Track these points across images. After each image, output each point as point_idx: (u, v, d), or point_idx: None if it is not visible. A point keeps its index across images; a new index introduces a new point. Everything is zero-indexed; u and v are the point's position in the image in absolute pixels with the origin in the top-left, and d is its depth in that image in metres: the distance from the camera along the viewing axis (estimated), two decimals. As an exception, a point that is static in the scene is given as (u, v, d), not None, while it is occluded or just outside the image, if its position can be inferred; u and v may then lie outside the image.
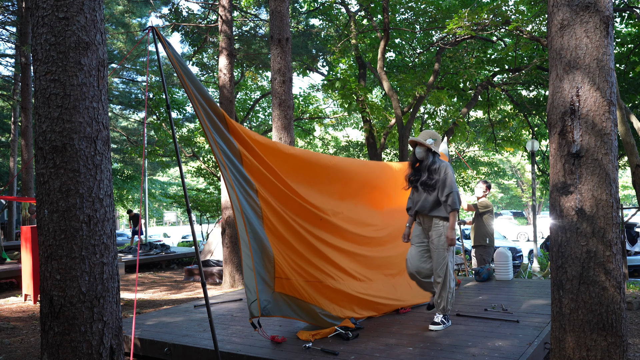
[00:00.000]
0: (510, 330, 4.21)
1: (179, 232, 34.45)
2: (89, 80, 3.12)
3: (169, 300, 8.31)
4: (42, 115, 3.07)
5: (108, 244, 3.17)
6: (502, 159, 34.08)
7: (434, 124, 16.55)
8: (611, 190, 2.89)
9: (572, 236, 2.92)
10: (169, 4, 14.24)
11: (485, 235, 7.01)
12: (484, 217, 7.01)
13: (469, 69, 12.13)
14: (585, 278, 2.87)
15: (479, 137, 18.96)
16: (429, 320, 4.61)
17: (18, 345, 5.35)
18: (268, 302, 3.99)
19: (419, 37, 14.14)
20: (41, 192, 3.08)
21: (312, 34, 15.07)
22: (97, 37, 3.18)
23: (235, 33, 14.24)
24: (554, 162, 3.04)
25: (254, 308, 3.88)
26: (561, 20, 3.01)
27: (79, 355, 2.99)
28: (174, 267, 13.29)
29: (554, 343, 3.01)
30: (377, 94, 18.17)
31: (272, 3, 7.18)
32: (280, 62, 7.10)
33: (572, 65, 2.96)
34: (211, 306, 5.73)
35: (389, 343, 3.95)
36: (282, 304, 4.11)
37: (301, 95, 16.46)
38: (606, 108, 2.91)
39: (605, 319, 2.83)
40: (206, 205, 16.15)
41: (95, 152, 3.13)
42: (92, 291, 3.05)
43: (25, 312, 7.11)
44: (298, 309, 4.21)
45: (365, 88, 12.41)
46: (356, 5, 14.36)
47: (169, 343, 4.15)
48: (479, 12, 9.53)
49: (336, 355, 3.67)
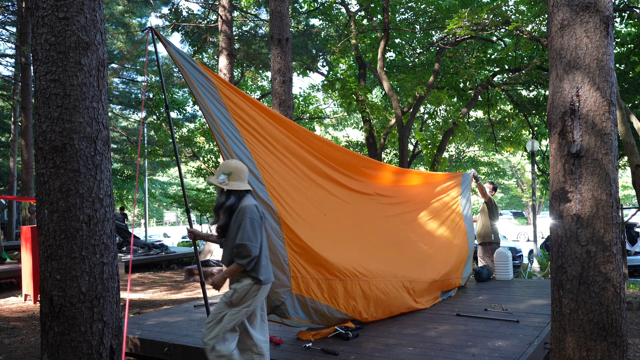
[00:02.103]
0: (510, 330, 4.20)
1: (179, 232, 34.45)
2: (89, 80, 3.12)
3: (169, 300, 8.31)
4: (42, 115, 3.07)
5: (108, 244, 3.17)
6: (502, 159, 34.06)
7: (434, 124, 16.55)
8: (611, 190, 2.89)
9: (572, 236, 2.92)
10: (169, 4, 14.25)
11: (492, 232, 7.22)
12: (491, 215, 7.19)
13: (469, 69, 12.13)
14: (585, 278, 2.87)
15: (479, 137, 18.95)
16: (429, 320, 4.60)
17: (18, 345, 5.35)
18: (280, 302, 3.94)
19: (419, 37, 14.14)
20: (41, 192, 3.08)
21: (312, 34, 15.07)
22: (97, 37, 3.19)
23: (235, 33, 14.24)
24: (554, 162, 3.04)
25: None
26: (561, 20, 3.01)
27: (79, 355, 2.99)
28: (174, 267, 13.29)
29: (554, 343, 3.01)
30: (377, 94, 18.16)
31: (272, 3, 7.18)
32: (280, 62, 7.10)
33: (572, 65, 2.96)
34: (211, 306, 5.72)
35: (389, 343, 3.95)
36: (299, 308, 4.08)
37: (301, 95, 16.45)
38: (606, 108, 2.90)
39: (605, 319, 2.83)
40: (206, 205, 16.14)
41: (95, 152, 3.13)
42: (92, 291, 3.05)
43: (25, 312, 7.11)
44: (314, 311, 4.16)
45: (365, 88, 12.41)
46: (356, 5, 14.36)
47: (169, 343, 4.15)
48: (479, 12, 9.53)
49: (336, 355, 3.67)
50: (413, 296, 5.07)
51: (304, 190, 4.47)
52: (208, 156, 15.93)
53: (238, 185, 3.33)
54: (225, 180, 3.33)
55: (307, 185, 4.53)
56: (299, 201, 4.34)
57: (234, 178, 3.34)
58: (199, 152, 14.77)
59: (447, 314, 4.89)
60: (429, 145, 13.34)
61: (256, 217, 3.23)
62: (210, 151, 15.72)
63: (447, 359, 3.52)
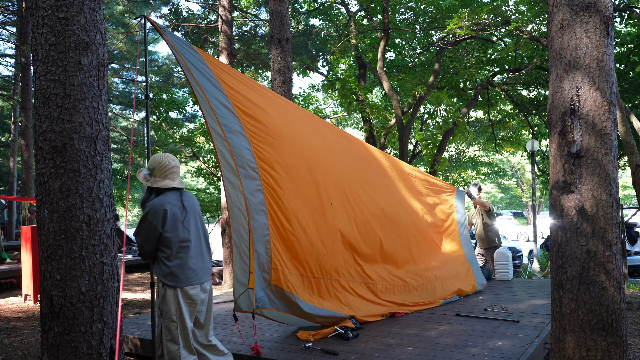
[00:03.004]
0: (510, 330, 4.21)
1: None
2: (89, 80, 3.12)
3: (169, 300, 8.29)
4: (42, 115, 3.07)
5: (108, 244, 3.16)
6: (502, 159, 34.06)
7: (434, 124, 16.54)
8: (611, 190, 2.89)
9: (572, 236, 2.92)
10: (169, 4, 14.25)
11: (495, 236, 7.14)
12: (490, 218, 7.14)
13: (469, 69, 12.13)
14: (585, 278, 2.87)
15: (479, 137, 18.95)
16: (429, 320, 4.60)
17: (18, 345, 5.35)
18: (261, 293, 3.86)
19: (419, 37, 14.14)
20: (41, 192, 3.08)
21: (312, 34, 15.07)
22: (97, 37, 3.18)
23: (235, 33, 14.24)
24: (554, 162, 3.04)
25: (243, 300, 3.75)
26: (561, 20, 3.01)
27: (79, 355, 2.99)
28: (174, 267, 13.27)
29: (554, 343, 3.01)
30: (377, 94, 18.16)
31: (272, 3, 7.18)
32: (280, 62, 7.10)
33: (572, 65, 2.96)
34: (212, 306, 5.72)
35: (389, 343, 3.95)
36: (276, 299, 4.00)
37: (301, 95, 16.44)
38: (606, 108, 2.91)
39: (605, 319, 2.83)
40: (206, 205, 16.13)
41: (95, 152, 3.12)
42: (92, 291, 3.04)
43: (25, 312, 7.11)
44: (287, 304, 4.07)
45: (365, 88, 12.41)
46: (356, 5, 14.36)
47: (169, 343, 4.14)
48: (479, 12, 9.53)
49: (336, 355, 3.67)
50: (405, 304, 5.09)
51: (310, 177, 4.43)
52: (208, 156, 15.92)
53: (158, 182, 3.27)
54: (147, 177, 3.29)
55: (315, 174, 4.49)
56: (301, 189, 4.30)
57: (156, 174, 3.29)
58: (199, 152, 14.76)
59: (447, 314, 4.89)
60: (429, 145, 13.34)
61: (153, 218, 3.15)
62: (210, 151, 15.70)
63: (447, 359, 3.52)
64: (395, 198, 5.69)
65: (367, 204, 5.09)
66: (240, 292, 3.80)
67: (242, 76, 4.19)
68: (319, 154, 4.69)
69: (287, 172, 4.20)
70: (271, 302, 3.98)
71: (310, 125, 4.89)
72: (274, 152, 4.11)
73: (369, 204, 5.12)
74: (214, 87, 3.80)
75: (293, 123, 4.57)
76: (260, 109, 4.12)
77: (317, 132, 4.91)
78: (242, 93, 4.02)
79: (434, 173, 13.20)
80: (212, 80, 3.79)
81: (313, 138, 4.76)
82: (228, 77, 3.96)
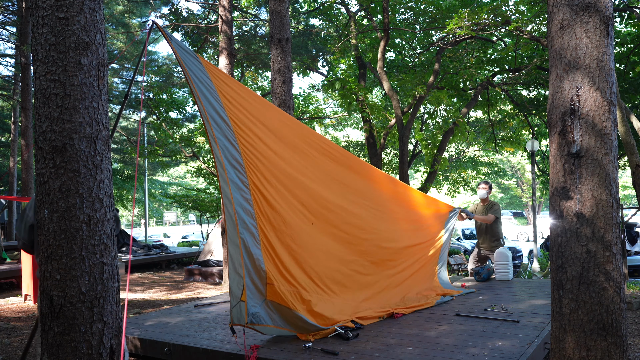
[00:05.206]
0: (510, 330, 4.20)
1: (179, 232, 34.48)
2: (89, 80, 3.12)
3: (169, 300, 8.31)
4: (42, 115, 3.07)
5: (108, 244, 3.17)
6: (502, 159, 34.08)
7: (434, 124, 16.54)
8: (611, 190, 2.89)
9: (572, 236, 2.92)
10: (169, 4, 14.25)
11: (500, 237, 7.10)
12: (496, 221, 7.09)
13: (469, 69, 12.13)
14: (585, 278, 2.87)
15: (479, 137, 18.95)
16: (429, 320, 4.60)
17: (18, 345, 5.35)
18: (256, 309, 3.89)
19: (419, 37, 14.14)
20: (41, 192, 3.08)
21: (312, 34, 15.07)
22: (97, 37, 3.19)
23: (235, 33, 14.24)
24: (554, 162, 3.04)
25: (235, 314, 3.76)
26: (561, 20, 3.01)
27: (79, 355, 2.99)
28: (174, 267, 13.30)
29: (554, 343, 3.01)
30: (377, 94, 18.16)
31: (272, 3, 7.18)
32: (280, 62, 7.10)
33: (572, 65, 2.96)
34: (211, 306, 5.73)
35: (389, 343, 3.95)
36: (274, 313, 4.02)
37: (301, 95, 16.44)
38: (606, 108, 2.91)
39: (605, 319, 2.83)
40: (206, 205, 16.14)
41: (95, 152, 3.13)
42: (92, 291, 3.05)
43: (25, 312, 7.11)
44: (286, 319, 4.09)
45: (365, 88, 12.40)
46: (356, 5, 14.36)
47: (169, 343, 4.15)
48: (479, 12, 9.53)
49: (336, 355, 3.67)
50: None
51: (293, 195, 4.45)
52: (208, 156, 15.92)
53: None
54: None
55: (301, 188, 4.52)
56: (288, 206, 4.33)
57: None
58: (199, 152, 14.77)
59: (447, 314, 4.89)
60: (429, 145, 13.34)
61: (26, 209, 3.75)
62: (210, 151, 15.71)
63: (447, 359, 3.52)
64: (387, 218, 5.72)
65: (351, 218, 5.12)
66: (233, 305, 3.82)
67: (240, 87, 4.22)
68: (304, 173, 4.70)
69: (275, 188, 4.26)
70: (271, 319, 4.01)
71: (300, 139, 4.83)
72: (265, 166, 4.18)
73: (353, 219, 5.14)
74: (215, 100, 3.86)
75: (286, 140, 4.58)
76: (255, 126, 4.18)
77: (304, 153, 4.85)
78: (239, 107, 4.08)
79: (434, 173, 13.21)
80: (212, 94, 3.84)
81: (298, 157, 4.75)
82: (227, 89, 4.01)
